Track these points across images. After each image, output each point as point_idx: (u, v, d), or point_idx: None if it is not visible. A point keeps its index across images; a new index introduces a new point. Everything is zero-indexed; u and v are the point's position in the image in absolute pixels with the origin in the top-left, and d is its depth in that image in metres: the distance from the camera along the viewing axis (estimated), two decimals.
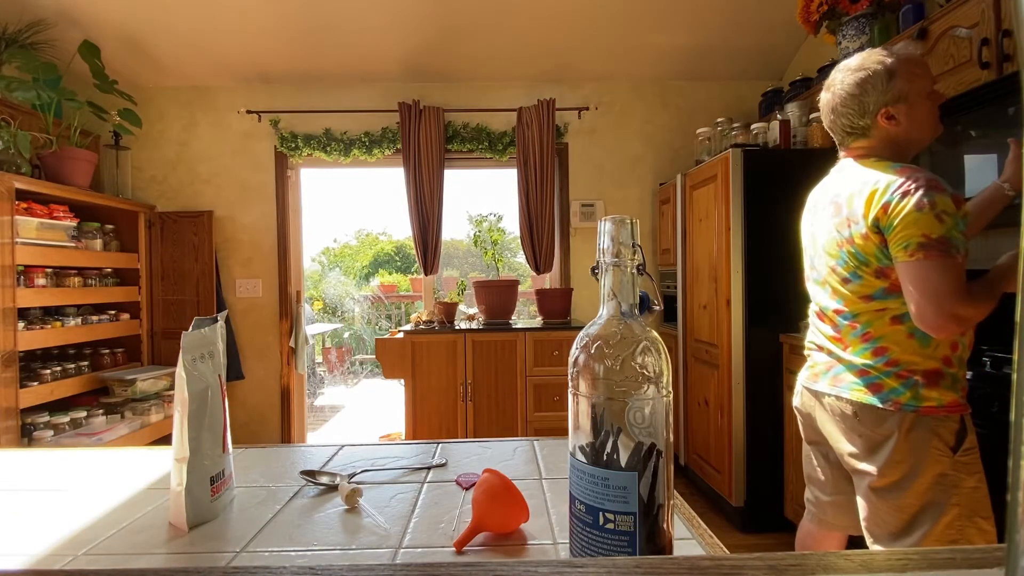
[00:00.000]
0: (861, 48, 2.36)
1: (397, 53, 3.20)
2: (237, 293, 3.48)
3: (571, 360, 0.46)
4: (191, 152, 3.46)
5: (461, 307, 3.29)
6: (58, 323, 2.63)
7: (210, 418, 0.62)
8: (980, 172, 1.70)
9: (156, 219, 3.37)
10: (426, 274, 3.46)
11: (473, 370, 2.96)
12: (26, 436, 2.38)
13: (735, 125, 2.91)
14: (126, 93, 2.99)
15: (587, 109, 3.47)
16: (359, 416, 5.14)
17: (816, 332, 1.38)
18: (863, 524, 1.22)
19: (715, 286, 2.58)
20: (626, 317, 0.45)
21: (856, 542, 1.35)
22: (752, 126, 2.78)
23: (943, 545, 1.09)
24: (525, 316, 4.53)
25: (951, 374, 1.14)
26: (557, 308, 3.16)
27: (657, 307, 0.84)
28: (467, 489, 0.68)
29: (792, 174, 2.48)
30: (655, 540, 0.43)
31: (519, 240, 3.46)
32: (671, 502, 0.45)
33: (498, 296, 3.14)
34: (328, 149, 3.38)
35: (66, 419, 2.54)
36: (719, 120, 3.03)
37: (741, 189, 2.43)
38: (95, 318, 2.86)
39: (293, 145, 3.38)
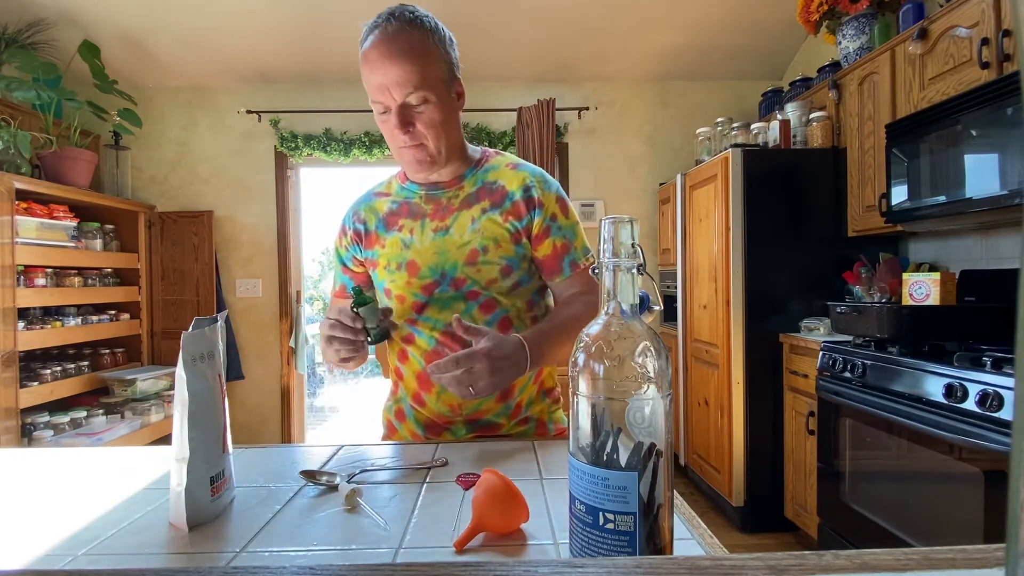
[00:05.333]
0: (861, 48, 2.36)
1: None
2: (237, 293, 3.48)
3: (571, 360, 0.46)
4: (191, 152, 3.46)
5: None
6: (58, 323, 2.63)
7: (210, 418, 0.62)
8: (980, 172, 1.69)
9: (156, 219, 3.37)
10: None
11: None
12: (26, 436, 2.38)
13: (735, 125, 2.91)
14: (126, 93, 2.99)
15: (587, 109, 3.47)
16: (359, 416, 5.14)
17: None
18: None
19: (715, 286, 2.58)
20: (626, 317, 0.45)
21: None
22: (752, 126, 2.78)
23: None
24: None
25: None
26: None
27: (657, 307, 0.84)
28: (467, 489, 0.68)
29: (792, 174, 2.48)
30: (655, 540, 0.43)
31: None
32: (671, 502, 0.45)
33: None
34: (328, 149, 3.38)
35: (66, 419, 2.53)
36: (719, 120, 3.03)
37: (741, 189, 2.43)
38: (95, 318, 2.86)
39: (293, 145, 3.38)
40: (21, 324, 2.38)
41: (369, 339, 0.93)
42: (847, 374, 1.90)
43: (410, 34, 0.90)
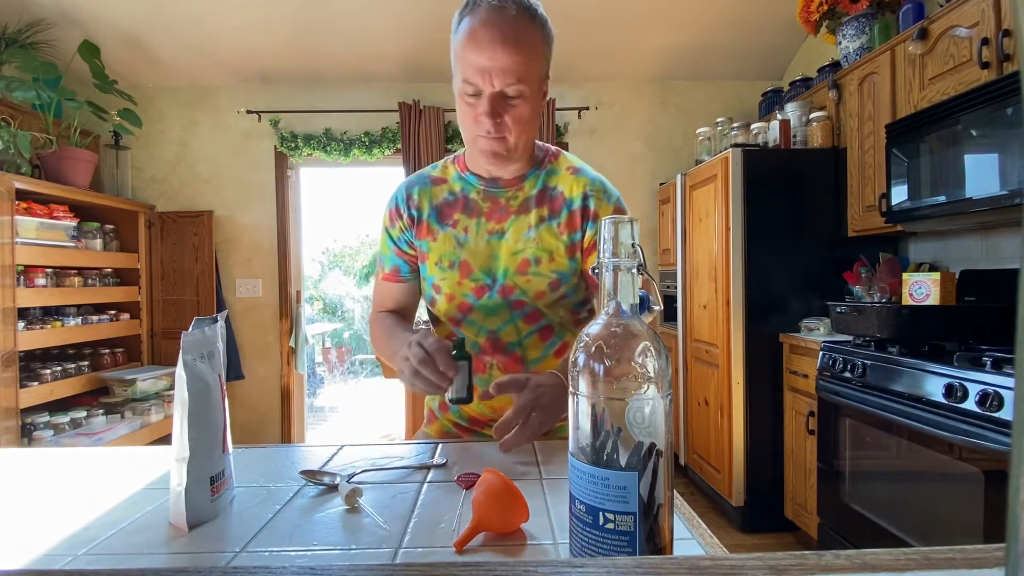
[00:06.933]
0: (861, 48, 2.36)
1: (397, 53, 3.20)
2: (237, 293, 3.48)
3: (571, 360, 0.46)
4: (191, 152, 3.46)
5: None
6: (58, 323, 2.63)
7: (210, 418, 0.62)
8: (980, 172, 1.69)
9: (156, 219, 3.37)
10: None
11: None
12: (26, 436, 2.38)
13: (735, 125, 2.91)
14: (126, 93, 2.99)
15: (587, 109, 3.47)
16: (359, 416, 5.14)
17: None
18: None
19: (715, 286, 2.58)
20: (626, 317, 0.45)
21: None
22: (752, 126, 2.78)
23: None
24: None
25: None
26: None
27: (657, 307, 0.84)
28: (467, 489, 0.68)
29: (792, 174, 2.48)
30: (655, 540, 0.43)
31: None
32: (671, 502, 0.45)
33: None
34: (328, 149, 3.38)
35: (66, 419, 2.53)
36: (719, 120, 3.03)
37: (741, 189, 2.43)
38: (95, 318, 2.86)
39: (293, 145, 3.38)
40: (21, 324, 2.38)
41: (450, 395, 0.85)
42: (847, 374, 1.90)
43: (526, 23, 0.87)
